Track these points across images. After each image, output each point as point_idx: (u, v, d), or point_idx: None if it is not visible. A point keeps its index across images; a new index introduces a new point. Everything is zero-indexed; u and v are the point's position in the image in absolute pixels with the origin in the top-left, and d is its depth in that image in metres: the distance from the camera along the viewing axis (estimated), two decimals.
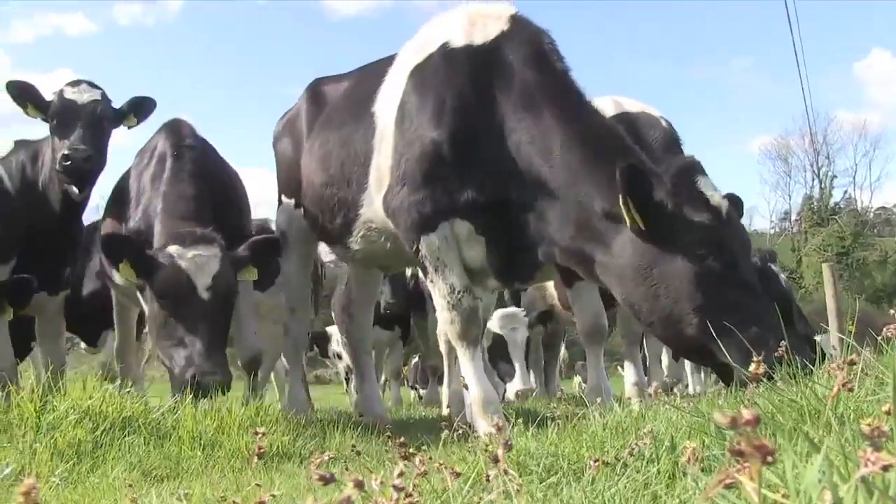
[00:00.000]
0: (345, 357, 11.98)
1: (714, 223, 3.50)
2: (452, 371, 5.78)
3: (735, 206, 4.00)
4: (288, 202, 5.79)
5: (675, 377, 7.60)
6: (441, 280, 4.23)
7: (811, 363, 2.44)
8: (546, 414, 2.84)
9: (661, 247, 3.50)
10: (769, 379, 2.10)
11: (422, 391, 13.84)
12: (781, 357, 2.46)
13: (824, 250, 42.35)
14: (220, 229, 4.76)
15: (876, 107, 75.28)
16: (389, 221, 4.50)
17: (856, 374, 1.91)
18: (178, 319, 4.34)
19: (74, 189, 5.20)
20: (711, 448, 1.86)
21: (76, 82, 5.42)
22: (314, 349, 12.62)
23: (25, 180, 5.58)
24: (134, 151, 5.95)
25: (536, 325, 8.12)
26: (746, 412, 0.65)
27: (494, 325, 7.76)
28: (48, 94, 5.38)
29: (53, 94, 5.35)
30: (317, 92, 5.70)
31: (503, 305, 8.50)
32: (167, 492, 2.76)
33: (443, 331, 5.18)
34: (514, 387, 7.55)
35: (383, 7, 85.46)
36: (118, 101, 5.60)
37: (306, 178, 5.38)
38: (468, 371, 4.27)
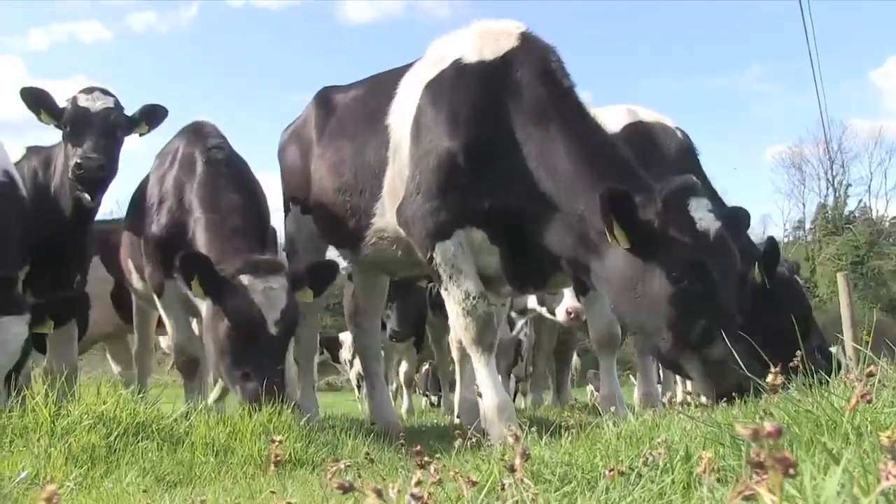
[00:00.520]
0: (356, 363, 12.00)
1: (696, 246, 3.58)
2: (464, 378, 5.78)
3: (741, 220, 4.03)
4: (295, 209, 5.83)
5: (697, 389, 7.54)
6: (455, 287, 4.28)
7: (827, 374, 2.43)
8: (559, 422, 2.84)
9: (646, 264, 3.63)
10: (784, 389, 2.08)
11: (433, 398, 13.83)
12: (797, 368, 2.45)
13: (839, 259, 42.09)
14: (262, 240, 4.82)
15: (892, 115, 74.99)
16: (402, 231, 4.55)
17: (873, 386, 1.90)
18: (246, 350, 4.37)
19: (87, 196, 5.23)
20: (727, 458, 1.85)
21: (89, 89, 5.45)
22: (324, 354, 12.64)
23: (37, 186, 5.61)
24: (146, 156, 5.99)
25: None
26: (768, 424, 0.64)
27: (533, 302, 7.84)
28: (62, 101, 5.42)
29: (67, 101, 5.38)
30: (326, 100, 5.74)
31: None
32: (180, 498, 2.77)
33: (456, 338, 5.18)
34: (562, 307, 7.46)
35: (395, 14, 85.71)
36: (132, 107, 5.64)
37: (317, 184, 5.41)
38: (483, 377, 4.32)
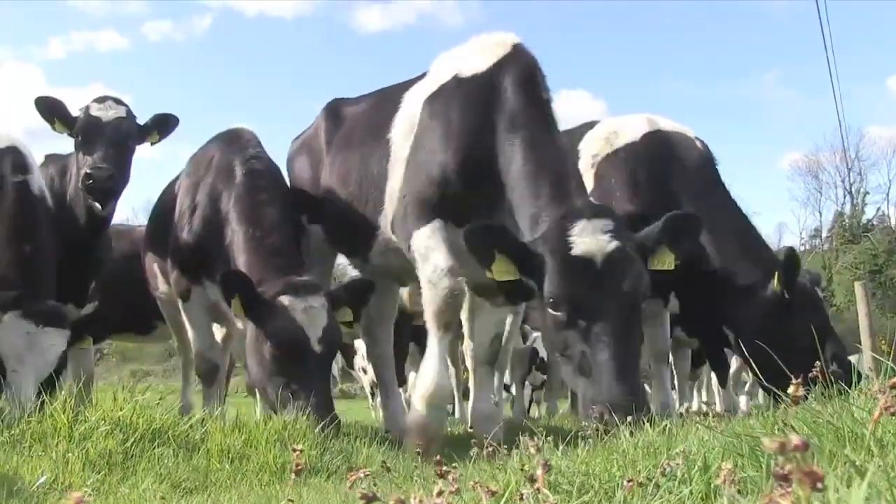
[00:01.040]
0: (370, 371, 11.99)
1: (559, 270, 3.64)
2: (478, 388, 5.73)
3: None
4: (303, 218, 5.85)
5: (728, 403, 7.50)
6: (425, 263, 4.37)
7: (847, 385, 2.40)
8: (576, 431, 2.82)
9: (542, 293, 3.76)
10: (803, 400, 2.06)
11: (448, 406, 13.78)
12: (816, 378, 2.42)
13: (856, 268, 41.66)
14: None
15: None
16: (394, 238, 4.68)
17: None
18: (292, 370, 4.40)
19: (97, 205, 5.28)
20: (746, 469, 1.83)
21: (102, 98, 5.51)
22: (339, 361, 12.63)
23: (54, 195, 5.69)
24: (161, 164, 6.02)
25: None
26: (795, 437, 0.64)
27: None
28: (77, 110, 5.48)
29: (80, 110, 5.45)
30: (336, 112, 5.81)
31: None
32: None
33: (468, 346, 5.18)
34: None
35: (408, 22, 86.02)
36: (149, 114, 5.71)
37: (326, 193, 5.45)
38: (430, 355, 4.43)
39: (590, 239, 3.65)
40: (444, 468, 1.31)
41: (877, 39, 72.89)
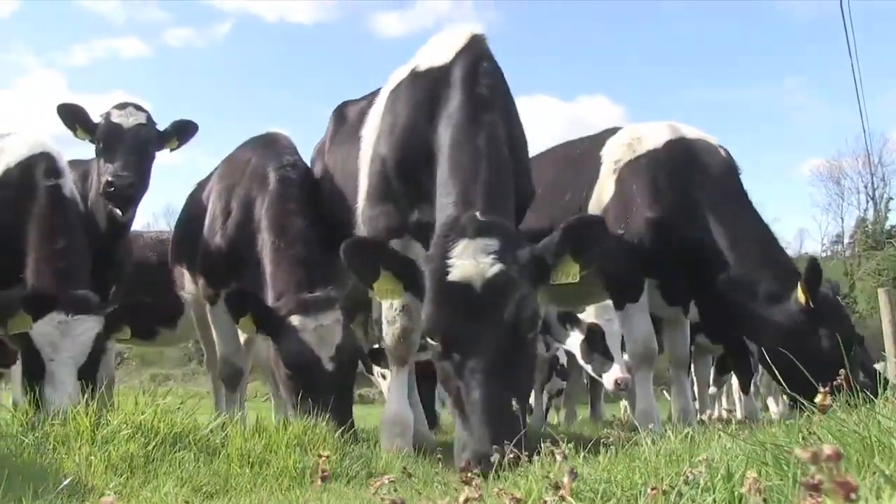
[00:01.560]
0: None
1: (433, 298, 3.42)
2: None
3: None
4: None
5: (748, 410, 7.46)
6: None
7: (873, 393, 2.37)
8: (597, 438, 2.81)
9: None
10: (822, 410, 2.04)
11: None
12: (841, 386, 2.39)
13: (879, 274, 41.10)
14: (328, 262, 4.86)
15: None
16: None
17: None
18: (305, 388, 4.40)
19: (118, 211, 5.34)
20: (770, 478, 1.81)
21: (123, 105, 5.58)
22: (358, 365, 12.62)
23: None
24: (178, 168, 6.06)
25: None
26: (827, 447, 0.63)
27: (590, 316, 7.74)
28: (98, 116, 5.55)
29: (101, 116, 5.52)
30: (340, 114, 5.81)
31: None
32: None
33: None
34: (611, 376, 7.50)
35: (427, 27, 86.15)
36: (170, 120, 5.76)
37: (323, 194, 5.43)
38: (392, 387, 4.53)
39: (469, 262, 3.37)
40: (469, 475, 1.31)
41: None
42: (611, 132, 5.64)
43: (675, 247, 4.93)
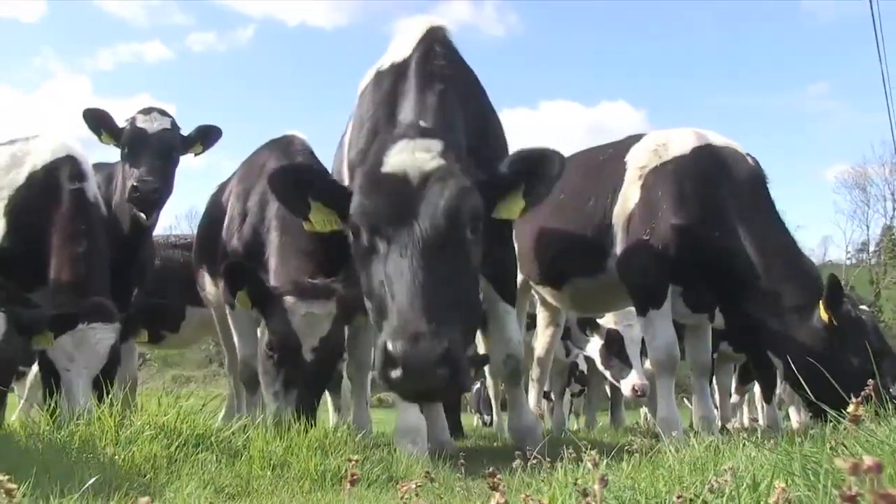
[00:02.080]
0: None
1: (362, 188, 3.19)
2: (513, 405, 5.61)
3: None
4: None
5: (770, 419, 7.39)
6: None
7: None
8: (619, 445, 2.79)
9: None
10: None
11: (485, 417, 13.75)
12: (869, 396, 2.36)
13: None
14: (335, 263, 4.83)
15: None
16: None
17: None
18: (280, 370, 4.39)
19: (142, 215, 5.40)
20: (798, 488, 1.79)
21: (148, 110, 5.64)
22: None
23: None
24: (201, 171, 6.12)
25: None
26: (868, 459, 0.62)
27: (609, 321, 7.72)
28: (123, 121, 5.61)
29: (126, 121, 5.58)
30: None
31: None
32: None
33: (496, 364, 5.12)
34: (628, 382, 7.48)
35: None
36: (193, 124, 5.82)
37: None
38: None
39: (406, 156, 3.13)
40: (495, 480, 1.31)
41: None
42: (635, 138, 5.61)
43: (700, 254, 4.89)
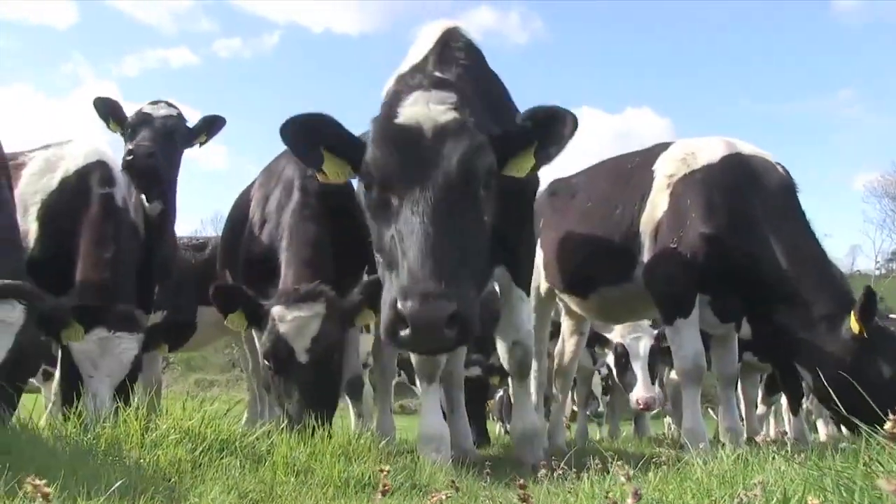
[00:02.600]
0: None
1: (375, 140, 3.16)
2: (517, 406, 5.47)
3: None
4: None
5: (797, 432, 7.29)
6: None
7: None
8: (646, 456, 2.76)
9: None
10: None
11: (507, 425, 13.70)
12: None
13: None
14: (341, 268, 4.87)
15: None
16: None
17: None
18: (280, 378, 4.49)
19: (143, 197, 5.42)
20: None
21: (156, 101, 5.71)
22: (400, 375, 12.65)
23: None
24: (226, 175, 6.14)
25: None
26: None
27: (616, 335, 7.72)
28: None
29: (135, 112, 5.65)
30: None
31: None
32: None
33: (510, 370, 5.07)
34: (633, 395, 7.48)
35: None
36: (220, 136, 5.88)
37: None
38: (423, 403, 4.60)
39: (421, 108, 3.11)
40: (525, 493, 1.29)
41: None
42: (663, 146, 5.57)
43: (729, 263, 4.84)
